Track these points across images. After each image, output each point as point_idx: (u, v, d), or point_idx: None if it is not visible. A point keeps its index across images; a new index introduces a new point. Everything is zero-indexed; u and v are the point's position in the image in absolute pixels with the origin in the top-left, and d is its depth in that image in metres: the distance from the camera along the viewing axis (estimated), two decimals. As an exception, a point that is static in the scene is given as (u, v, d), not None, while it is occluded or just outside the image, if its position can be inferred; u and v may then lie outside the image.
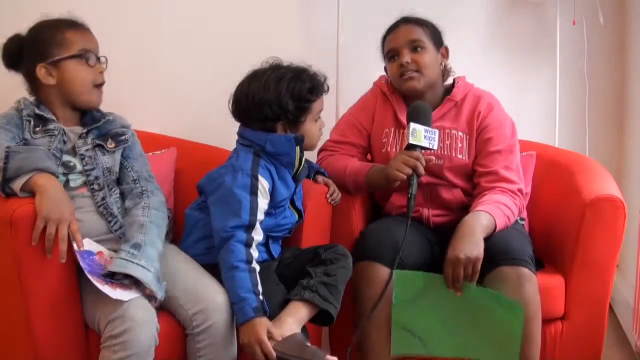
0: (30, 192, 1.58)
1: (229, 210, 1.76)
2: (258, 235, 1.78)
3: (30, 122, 1.78)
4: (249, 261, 1.71)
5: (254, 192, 1.79)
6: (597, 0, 2.59)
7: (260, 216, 1.79)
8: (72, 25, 1.84)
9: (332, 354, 2.12)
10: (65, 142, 1.80)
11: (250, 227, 1.75)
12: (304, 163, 1.93)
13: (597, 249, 1.96)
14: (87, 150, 1.81)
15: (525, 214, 2.21)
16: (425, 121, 1.95)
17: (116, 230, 1.78)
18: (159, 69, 2.47)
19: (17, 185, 1.58)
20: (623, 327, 2.49)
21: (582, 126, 2.71)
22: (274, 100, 1.82)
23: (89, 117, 1.88)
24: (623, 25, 2.70)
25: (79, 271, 1.62)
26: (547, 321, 1.93)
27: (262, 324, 1.64)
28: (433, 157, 1.98)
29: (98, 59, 1.85)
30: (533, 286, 1.85)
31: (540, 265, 2.00)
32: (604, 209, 1.95)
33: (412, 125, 1.92)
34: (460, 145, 2.09)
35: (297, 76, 1.86)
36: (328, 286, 1.76)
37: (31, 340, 1.55)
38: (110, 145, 1.86)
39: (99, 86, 1.86)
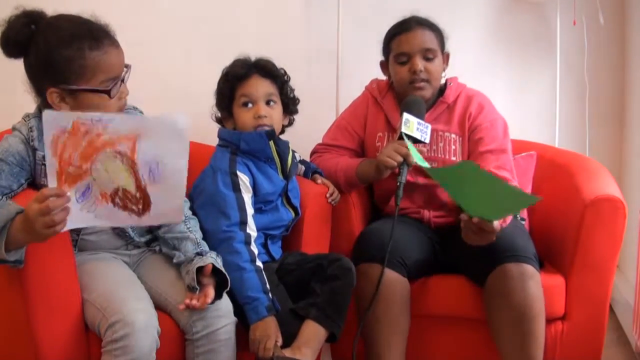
0: (20, 246, 1.45)
1: (217, 211, 1.79)
2: (252, 231, 1.80)
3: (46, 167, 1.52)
4: (253, 260, 1.74)
5: (236, 188, 1.82)
6: (597, 0, 2.60)
7: (249, 210, 1.81)
8: (95, 43, 1.55)
9: (333, 356, 2.14)
10: None
11: (243, 224, 1.78)
12: (291, 159, 1.94)
13: (597, 249, 1.96)
14: None
15: (525, 214, 2.21)
16: (418, 114, 1.95)
17: (132, 248, 1.78)
18: (159, 69, 2.47)
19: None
20: (623, 327, 2.49)
21: (582, 126, 2.71)
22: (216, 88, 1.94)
23: None
24: (623, 25, 2.71)
25: (80, 272, 1.62)
26: (547, 321, 1.93)
27: (274, 323, 1.68)
28: (424, 150, 1.98)
29: (122, 80, 1.61)
30: (536, 283, 1.85)
31: (540, 265, 1.99)
32: (604, 209, 1.95)
33: (405, 115, 1.92)
34: (453, 147, 2.09)
35: (231, 64, 1.94)
36: (335, 306, 1.76)
37: (32, 341, 1.55)
38: None
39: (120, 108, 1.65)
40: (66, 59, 1.53)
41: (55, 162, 1.36)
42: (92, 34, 1.56)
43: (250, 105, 1.89)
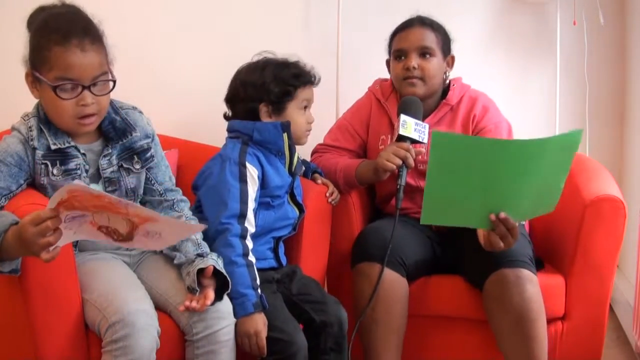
0: (14, 258, 1.44)
1: (219, 200, 1.79)
2: (251, 226, 1.80)
3: (46, 165, 1.59)
4: (246, 254, 1.74)
5: (242, 179, 1.81)
6: (597, 0, 2.60)
7: (251, 204, 1.80)
8: (62, 39, 1.54)
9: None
10: (87, 171, 1.65)
11: (242, 217, 1.77)
12: (297, 156, 1.95)
13: (597, 249, 1.96)
14: (112, 172, 1.67)
15: (525, 214, 2.21)
16: (415, 114, 1.95)
17: (132, 249, 1.77)
18: (159, 69, 2.47)
19: None
20: (623, 327, 2.49)
21: (582, 126, 2.70)
22: (258, 81, 1.89)
23: (107, 124, 1.68)
24: (623, 25, 2.71)
25: (80, 272, 1.62)
26: (547, 321, 1.93)
27: (261, 319, 1.68)
28: (423, 150, 1.98)
29: (86, 87, 1.56)
30: (534, 286, 1.85)
31: (540, 265, 2.00)
32: (604, 209, 1.95)
33: (402, 117, 1.92)
34: (456, 149, 2.08)
35: (284, 63, 1.92)
36: None
37: (32, 341, 1.55)
38: (137, 165, 1.72)
39: (85, 117, 1.59)
40: (37, 46, 1.56)
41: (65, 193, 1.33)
42: (63, 30, 1.55)
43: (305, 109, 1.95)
